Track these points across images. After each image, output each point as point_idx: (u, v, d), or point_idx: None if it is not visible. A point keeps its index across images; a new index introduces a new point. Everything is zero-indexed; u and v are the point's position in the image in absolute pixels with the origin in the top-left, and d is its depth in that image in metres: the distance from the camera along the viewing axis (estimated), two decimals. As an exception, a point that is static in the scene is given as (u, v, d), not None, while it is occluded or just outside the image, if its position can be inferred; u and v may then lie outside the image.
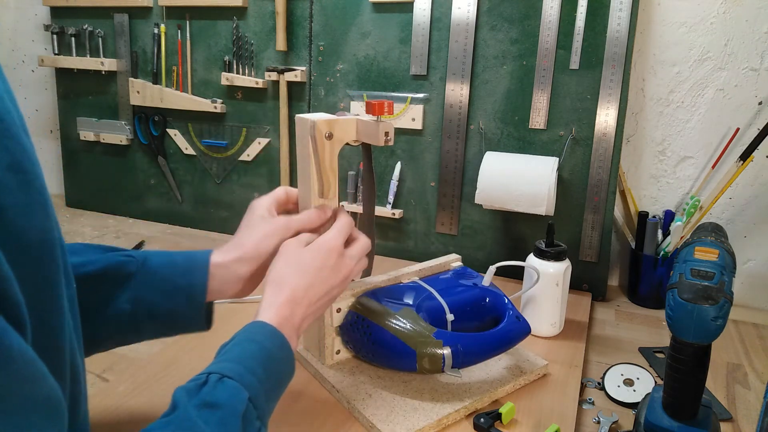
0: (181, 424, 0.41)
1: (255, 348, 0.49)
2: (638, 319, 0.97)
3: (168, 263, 0.59)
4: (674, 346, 0.54)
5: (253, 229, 0.62)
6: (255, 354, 0.48)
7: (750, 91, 0.98)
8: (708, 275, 0.52)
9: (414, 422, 0.62)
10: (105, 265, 0.56)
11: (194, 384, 0.44)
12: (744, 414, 0.70)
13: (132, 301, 0.56)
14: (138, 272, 0.57)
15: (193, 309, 0.59)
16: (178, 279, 0.58)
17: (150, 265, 0.58)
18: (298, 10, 1.15)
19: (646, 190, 1.08)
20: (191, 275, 0.58)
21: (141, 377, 0.72)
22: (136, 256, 0.58)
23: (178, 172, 1.33)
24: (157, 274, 0.58)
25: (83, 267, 0.54)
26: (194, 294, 0.58)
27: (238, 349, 0.49)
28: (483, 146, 1.06)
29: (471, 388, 0.69)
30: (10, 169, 0.32)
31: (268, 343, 0.50)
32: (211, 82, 1.25)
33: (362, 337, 0.69)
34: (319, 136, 0.65)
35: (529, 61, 1.01)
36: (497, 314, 0.74)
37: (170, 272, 0.58)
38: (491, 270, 0.78)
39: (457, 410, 0.65)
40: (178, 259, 0.59)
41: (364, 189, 0.75)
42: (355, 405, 0.65)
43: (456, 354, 0.64)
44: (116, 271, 0.56)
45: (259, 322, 0.52)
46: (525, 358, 0.76)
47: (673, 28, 1.00)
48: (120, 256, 0.57)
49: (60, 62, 1.34)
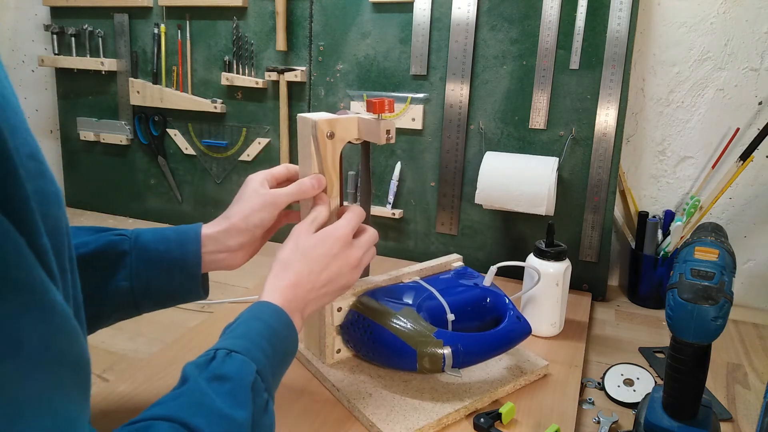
0: (192, 395, 0.42)
1: (260, 325, 0.50)
2: (638, 319, 0.97)
3: (160, 238, 0.60)
4: (674, 346, 0.54)
5: (244, 202, 0.63)
6: (261, 331, 0.50)
7: (750, 91, 0.98)
8: (708, 275, 0.52)
9: (414, 422, 0.62)
10: (99, 246, 0.57)
11: (203, 359, 0.46)
12: (744, 414, 0.71)
13: (129, 278, 0.58)
14: (132, 250, 0.59)
15: (188, 281, 0.61)
16: (172, 253, 0.60)
17: (143, 242, 0.59)
18: (298, 10, 1.15)
19: (646, 190, 1.08)
20: (184, 248, 0.60)
21: (141, 377, 0.72)
22: (128, 235, 0.60)
23: (178, 172, 1.33)
24: (151, 250, 0.59)
25: (78, 249, 0.56)
26: (188, 266, 0.60)
27: (244, 326, 0.50)
28: (483, 146, 1.07)
29: (471, 388, 0.69)
30: (31, 158, 0.33)
31: (272, 321, 0.52)
32: (211, 82, 1.25)
33: (363, 336, 0.69)
34: (321, 135, 0.65)
35: (529, 61, 1.01)
36: (498, 314, 0.74)
37: (164, 247, 0.60)
38: (492, 270, 0.78)
39: (458, 410, 0.65)
40: (169, 233, 0.61)
41: (361, 187, 0.76)
42: (355, 404, 0.65)
43: (456, 354, 0.64)
44: (111, 250, 0.58)
45: (263, 302, 0.54)
46: (525, 358, 0.76)
47: (673, 28, 1.00)
48: (112, 235, 0.59)
49: (60, 62, 1.34)
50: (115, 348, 0.82)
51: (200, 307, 0.94)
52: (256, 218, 0.62)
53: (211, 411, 0.41)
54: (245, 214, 0.62)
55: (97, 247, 0.57)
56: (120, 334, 0.85)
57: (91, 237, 0.58)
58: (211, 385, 0.43)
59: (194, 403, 0.42)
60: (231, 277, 1.05)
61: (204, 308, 0.94)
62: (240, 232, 0.62)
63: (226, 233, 0.62)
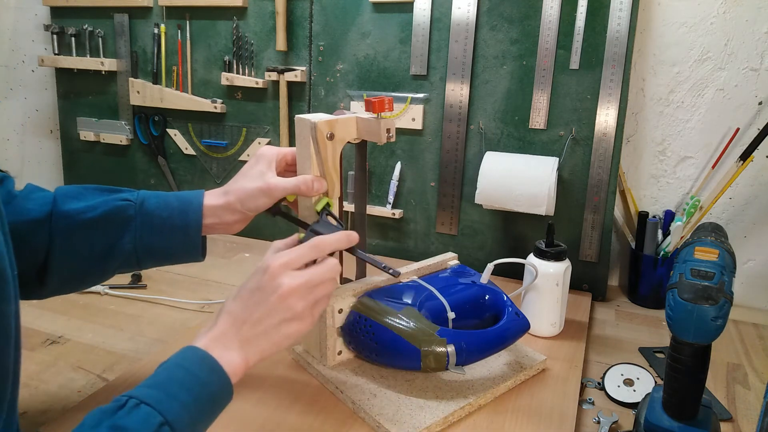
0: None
1: (181, 374, 0.49)
2: (638, 319, 0.97)
3: (164, 205, 0.64)
4: (674, 346, 0.54)
5: (246, 182, 0.65)
6: (181, 379, 0.48)
7: (750, 91, 0.98)
8: (708, 275, 0.52)
9: (421, 420, 0.63)
10: (106, 210, 0.62)
11: (113, 405, 0.45)
12: (744, 414, 0.70)
13: (133, 241, 0.62)
14: (137, 215, 0.63)
15: (188, 245, 0.65)
16: (175, 220, 0.63)
17: (147, 208, 0.63)
18: (298, 10, 1.15)
19: (646, 190, 1.08)
20: (186, 216, 0.64)
21: (141, 377, 0.72)
22: (133, 200, 0.63)
23: (178, 172, 1.33)
24: (155, 216, 0.63)
25: (85, 213, 0.61)
26: (189, 233, 0.64)
27: (165, 374, 0.49)
28: (483, 146, 1.07)
29: (474, 384, 0.70)
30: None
31: (195, 368, 0.50)
32: (211, 82, 1.25)
33: (365, 337, 0.69)
34: (321, 136, 0.65)
35: (529, 61, 1.01)
36: (496, 311, 0.74)
37: (168, 214, 0.64)
38: (489, 267, 0.78)
39: (462, 407, 0.66)
40: (172, 200, 0.65)
41: (357, 186, 0.76)
42: (360, 405, 0.65)
43: (460, 351, 0.64)
44: (117, 215, 0.62)
45: (190, 348, 0.52)
46: (524, 353, 0.77)
47: (673, 28, 1.00)
48: (119, 200, 0.63)
49: (60, 62, 1.34)
50: (115, 348, 0.82)
51: (200, 307, 0.94)
52: (252, 204, 0.65)
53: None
54: (243, 198, 0.65)
55: (104, 212, 0.61)
56: (120, 334, 0.85)
57: (98, 200, 0.62)
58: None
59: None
60: (231, 277, 1.05)
61: (204, 308, 0.94)
62: (236, 211, 0.65)
63: (225, 209, 0.65)
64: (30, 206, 0.60)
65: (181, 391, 0.48)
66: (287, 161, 0.69)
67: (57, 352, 0.80)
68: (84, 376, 0.74)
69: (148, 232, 0.63)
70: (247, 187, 0.65)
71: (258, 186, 0.64)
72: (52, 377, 0.74)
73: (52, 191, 0.63)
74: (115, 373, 0.75)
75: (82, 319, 0.89)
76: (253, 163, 0.67)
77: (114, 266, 0.64)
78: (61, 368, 0.76)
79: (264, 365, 0.74)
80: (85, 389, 0.72)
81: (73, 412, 0.65)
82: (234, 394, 0.52)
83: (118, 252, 0.62)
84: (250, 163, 0.67)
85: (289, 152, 0.69)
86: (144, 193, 0.65)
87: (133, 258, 0.63)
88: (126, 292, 0.98)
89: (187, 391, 0.48)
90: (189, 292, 0.98)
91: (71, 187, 0.64)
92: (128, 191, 0.65)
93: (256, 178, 0.65)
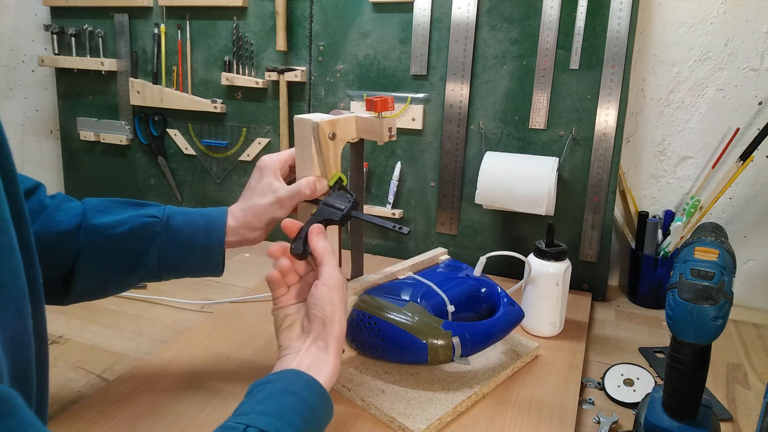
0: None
1: (294, 401, 0.51)
2: (638, 319, 0.97)
3: (189, 223, 0.66)
4: (674, 346, 0.54)
5: (258, 198, 0.67)
6: (294, 407, 0.50)
7: (750, 91, 0.98)
8: (708, 275, 0.52)
9: (432, 412, 0.64)
10: (134, 226, 0.63)
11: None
12: (744, 414, 0.71)
13: (157, 257, 0.64)
14: (163, 232, 0.64)
15: (210, 262, 0.67)
16: (199, 238, 0.65)
17: (173, 225, 0.65)
18: (298, 10, 1.15)
19: (646, 190, 1.08)
20: (210, 236, 0.66)
21: (141, 377, 0.72)
22: (160, 216, 0.65)
23: (178, 172, 1.33)
24: (180, 234, 0.65)
25: (113, 228, 0.63)
26: (212, 250, 0.66)
27: (276, 402, 0.50)
28: (483, 146, 1.07)
29: (477, 374, 0.72)
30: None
31: (305, 394, 0.52)
32: (211, 82, 1.25)
33: (370, 334, 0.69)
34: (323, 137, 0.65)
35: (529, 61, 1.01)
36: (491, 303, 0.77)
37: (192, 232, 0.65)
38: (482, 260, 0.80)
39: (469, 397, 0.67)
40: (197, 219, 0.66)
41: (353, 186, 0.76)
42: (370, 401, 0.66)
43: (464, 343, 0.66)
44: (144, 231, 0.64)
45: (295, 373, 0.54)
46: (518, 342, 0.80)
47: (673, 28, 1.00)
48: (146, 216, 0.64)
49: (60, 62, 1.34)
50: (115, 348, 0.82)
51: (200, 307, 0.94)
52: (269, 218, 0.67)
53: None
54: (259, 213, 0.66)
55: (132, 227, 0.63)
56: (120, 334, 0.85)
57: (126, 215, 0.64)
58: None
59: None
60: (231, 277, 1.05)
61: (204, 308, 0.94)
62: (255, 229, 0.67)
63: (245, 227, 0.67)
64: (60, 217, 0.61)
65: (296, 419, 0.49)
66: (290, 165, 0.70)
67: (57, 352, 0.80)
68: (84, 376, 0.74)
69: (173, 249, 0.65)
70: (260, 204, 0.66)
71: (270, 201, 0.66)
72: (52, 377, 0.74)
73: (80, 202, 0.65)
74: (115, 373, 0.75)
75: (83, 319, 0.89)
76: (258, 177, 0.68)
77: (137, 278, 0.66)
78: (61, 368, 0.76)
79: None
80: (85, 389, 0.72)
81: (73, 412, 0.65)
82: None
83: (142, 266, 0.64)
84: (256, 178, 0.68)
85: (289, 156, 0.70)
86: (170, 210, 0.66)
87: (156, 272, 0.65)
88: (126, 292, 0.98)
89: (302, 419, 0.49)
90: (189, 292, 0.98)
91: (100, 200, 0.66)
92: (155, 206, 0.66)
93: (266, 192, 0.67)
